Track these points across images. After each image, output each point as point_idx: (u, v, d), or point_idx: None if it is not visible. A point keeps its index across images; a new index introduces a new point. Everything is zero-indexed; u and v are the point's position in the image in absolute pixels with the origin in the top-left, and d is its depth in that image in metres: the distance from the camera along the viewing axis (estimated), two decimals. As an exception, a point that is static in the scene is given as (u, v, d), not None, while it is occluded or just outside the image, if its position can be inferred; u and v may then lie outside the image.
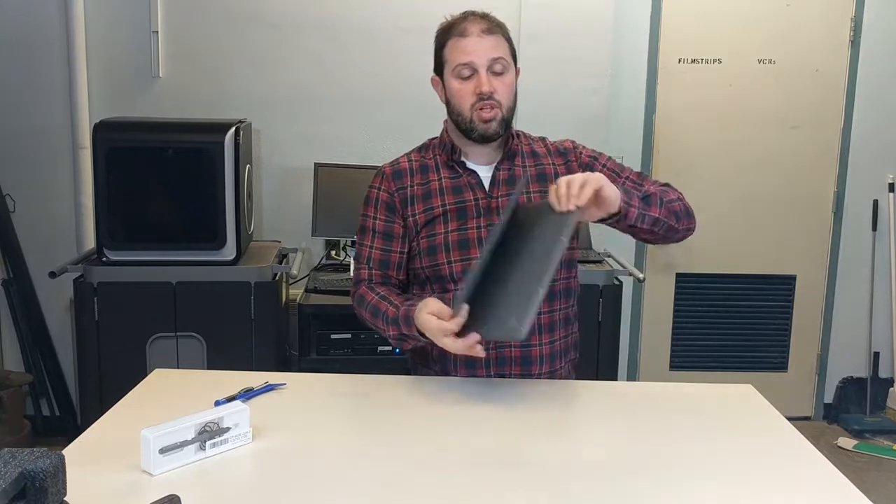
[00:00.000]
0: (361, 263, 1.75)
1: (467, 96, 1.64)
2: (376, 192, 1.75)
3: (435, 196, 1.71)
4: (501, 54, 1.64)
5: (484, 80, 1.62)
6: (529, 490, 1.19)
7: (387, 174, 1.76)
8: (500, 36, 1.66)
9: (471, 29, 1.63)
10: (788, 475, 1.27)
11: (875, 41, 3.56)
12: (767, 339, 3.77)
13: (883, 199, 3.71)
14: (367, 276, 1.73)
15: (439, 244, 1.68)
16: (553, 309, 1.71)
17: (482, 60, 1.62)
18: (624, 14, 3.44)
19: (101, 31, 3.25)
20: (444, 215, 1.69)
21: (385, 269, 1.73)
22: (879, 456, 3.45)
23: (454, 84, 1.66)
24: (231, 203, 2.73)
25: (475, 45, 1.62)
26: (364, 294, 1.70)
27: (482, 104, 1.63)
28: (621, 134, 3.55)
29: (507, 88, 1.65)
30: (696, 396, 1.62)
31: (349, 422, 1.44)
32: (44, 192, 3.32)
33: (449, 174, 1.72)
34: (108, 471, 1.21)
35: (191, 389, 1.57)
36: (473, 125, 1.65)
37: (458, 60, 1.63)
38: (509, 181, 1.71)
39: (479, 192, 1.70)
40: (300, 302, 2.87)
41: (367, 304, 1.68)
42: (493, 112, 1.64)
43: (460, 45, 1.63)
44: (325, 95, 3.35)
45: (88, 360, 2.73)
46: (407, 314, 1.56)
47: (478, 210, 1.69)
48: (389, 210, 1.73)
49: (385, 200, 1.74)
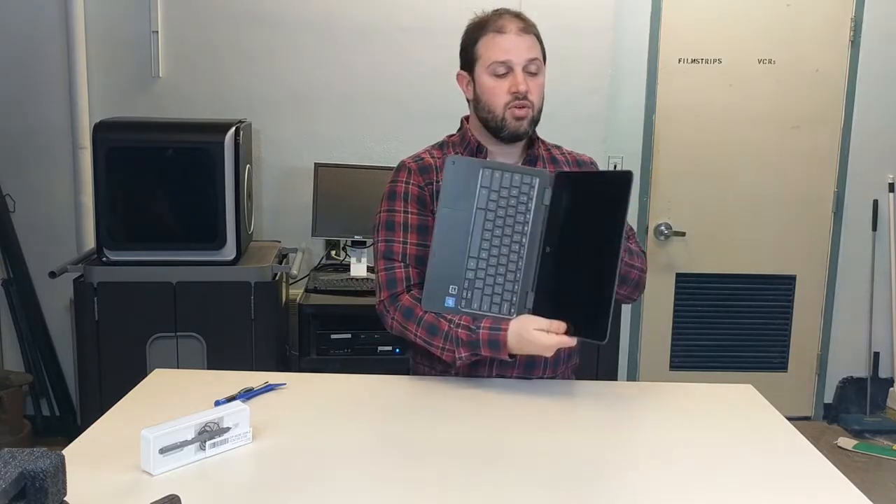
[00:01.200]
0: (395, 261, 1.64)
1: (501, 94, 1.62)
2: (404, 186, 1.67)
3: None
4: (536, 55, 1.64)
5: (520, 79, 1.61)
6: (529, 489, 1.19)
7: (413, 168, 1.69)
8: (534, 36, 1.65)
9: (509, 27, 1.62)
10: (788, 475, 1.27)
11: (875, 41, 3.56)
12: (767, 339, 3.77)
13: (883, 199, 3.71)
14: (403, 276, 1.63)
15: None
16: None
17: (519, 59, 1.61)
18: (624, 14, 3.44)
19: (101, 31, 3.25)
20: None
21: (421, 266, 1.62)
22: (879, 456, 3.45)
23: (488, 81, 1.64)
24: (231, 203, 2.73)
25: (513, 43, 1.61)
26: (412, 307, 1.60)
27: (517, 103, 1.62)
28: (621, 134, 3.55)
29: (539, 90, 1.65)
30: (696, 396, 1.62)
31: (349, 422, 1.44)
32: (44, 192, 3.32)
33: None
34: (108, 471, 1.21)
35: (191, 389, 1.57)
36: (505, 123, 1.63)
37: (495, 58, 1.62)
38: None
39: None
40: (300, 302, 2.87)
41: (418, 318, 1.59)
42: (525, 111, 1.63)
43: (497, 41, 1.62)
44: (325, 95, 3.35)
45: (88, 360, 2.73)
46: (494, 340, 1.53)
47: None
48: (421, 204, 1.67)
49: (416, 194, 1.67)
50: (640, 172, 3.60)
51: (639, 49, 3.52)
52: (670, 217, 3.67)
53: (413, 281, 1.63)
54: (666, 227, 3.66)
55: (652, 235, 3.67)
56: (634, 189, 3.58)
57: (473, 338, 1.54)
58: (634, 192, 3.59)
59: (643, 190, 3.62)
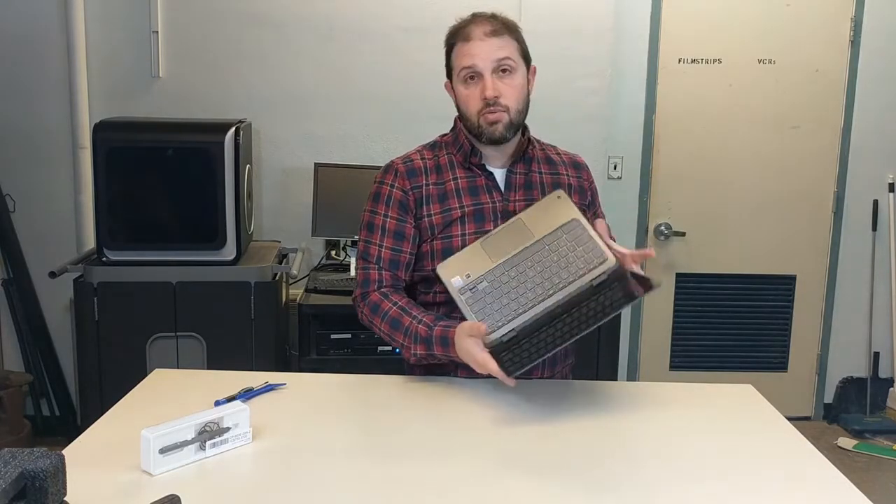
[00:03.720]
0: (370, 263, 1.68)
1: (474, 101, 1.62)
2: (388, 189, 1.69)
3: (452, 197, 1.67)
4: (507, 55, 1.61)
5: (488, 84, 1.59)
6: (529, 489, 1.19)
7: (400, 171, 1.69)
8: (508, 36, 1.62)
9: (475, 32, 1.60)
10: (788, 475, 1.27)
11: (875, 41, 3.56)
12: (767, 339, 3.78)
13: (883, 199, 3.71)
14: (377, 278, 1.67)
15: (456, 247, 1.64)
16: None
17: (486, 63, 1.59)
18: (624, 14, 3.44)
19: (101, 31, 3.25)
20: (462, 218, 1.66)
21: (395, 270, 1.67)
22: (879, 456, 3.45)
23: (461, 90, 1.64)
24: (231, 203, 2.73)
25: (478, 48, 1.59)
26: (379, 302, 1.64)
27: (488, 109, 1.60)
28: (621, 134, 3.55)
29: (513, 91, 1.62)
30: (696, 396, 1.62)
31: (349, 422, 1.44)
32: (44, 192, 3.32)
33: (465, 174, 1.69)
34: (108, 471, 1.21)
35: (191, 389, 1.57)
36: (481, 129, 1.63)
37: (463, 64, 1.61)
38: (526, 185, 1.70)
39: (495, 195, 1.68)
40: (300, 302, 2.87)
41: (383, 313, 1.63)
42: (497, 115, 1.61)
43: (464, 49, 1.61)
44: (325, 95, 3.35)
45: (88, 360, 2.73)
46: (444, 336, 1.54)
47: (494, 213, 1.67)
48: (402, 209, 1.68)
49: (399, 198, 1.68)
50: (640, 172, 3.61)
51: (639, 49, 3.52)
52: (670, 217, 3.67)
53: (385, 283, 1.68)
54: (666, 227, 3.66)
55: (652, 235, 3.67)
56: (634, 189, 3.62)
57: (429, 334, 1.57)
58: (634, 192, 3.62)
59: (643, 190, 3.62)
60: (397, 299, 1.64)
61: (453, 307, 1.66)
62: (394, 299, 1.64)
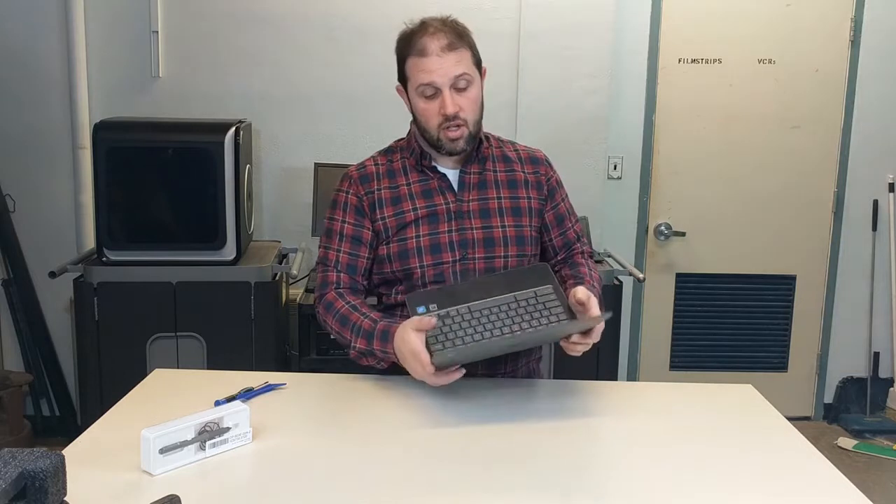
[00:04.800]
0: (329, 267, 1.70)
1: (433, 116, 1.62)
2: (345, 196, 1.72)
3: (405, 200, 1.69)
4: (464, 70, 1.60)
5: (448, 101, 1.59)
6: (528, 489, 1.19)
7: (354, 178, 1.73)
8: (462, 48, 1.61)
9: (430, 47, 1.59)
10: (788, 475, 1.27)
11: (875, 41, 3.56)
12: (767, 339, 3.78)
13: (883, 199, 3.71)
14: (334, 280, 1.69)
15: (411, 248, 1.67)
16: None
17: (444, 80, 1.59)
18: (624, 14, 3.44)
19: (101, 31, 3.25)
20: (415, 221, 1.68)
21: (353, 274, 1.69)
22: (879, 456, 3.45)
23: (419, 103, 1.64)
24: (231, 203, 2.73)
25: (436, 64, 1.58)
26: (333, 301, 1.66)
27: (448, 124, 1.61)
28: (621, 134, 3.55)
29: (472, 104, 1.63)
30: (696, 396, 1.62)
31: (349, 422, 1.44)
32: (44, 192, 3.32)
33: (418, 178, 1.71)
34: (108, 471, 1.21)
35: (191, 389, 1.57)
36: (441, 143, 1.64)
37: (421, 80, 1.61)
38: (480, 185, 1.71)
39: (449, 196, 1.70)
40: (300, 302, 2.87)
41: (335, 311, 1.64)
42: (459, 131, 1.62)
43: (421, 64, 1.60)
44: (325, 95, 3.35)
45: (88, 360, 2.73)
46: (385, 331, 1.54)
47: (448, 214, 1.68)
48: (359, 214, 1.70)
49: (354, 204, 1.70)
50: (640, 172, 3.61)
51: (639, 49, 3.52)
52: (670, 217, 3.67)
53: (342, 285, 1.69)
54: (666, 227, 3.66)
55: (652, 235, 3.67)
56: (634, 189, 3.62)
57: (372, 328, 1.57)
58: (634, 191, 3.62)
59: (643, 190, 3.62)
60: (351, 299, 1.66)
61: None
62: (348, 299, 1.65)
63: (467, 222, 1.68)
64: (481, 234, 1.68)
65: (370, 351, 1.57)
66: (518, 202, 1.73)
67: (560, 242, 1.79)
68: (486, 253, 1.68)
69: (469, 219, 1.68)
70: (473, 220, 1.69)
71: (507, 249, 1.69)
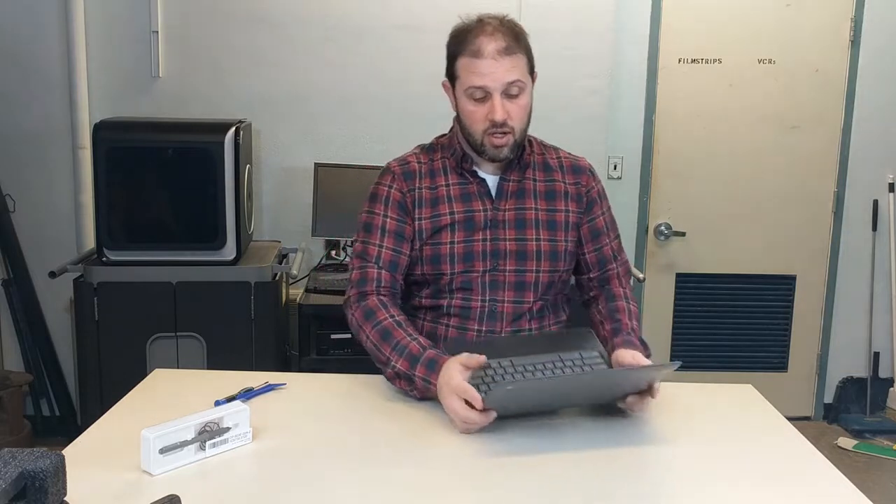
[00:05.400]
0: (368, 262, 1.63)
1: (480, 120, 1.57)
2: (387, 190, 1.67)
3: (443, 203, 1.65)
4: (518, 77, 1.55)
5: (498, 107, 1.54)
6: (528, 490, 1.19)
7: (397, 173, 1.68)
8: (518, 53, 1.55)
9: (486, 48, 1.52)
10: (788, 475, 1.27)
11: (875, 41, 3.56)
12: (767, 339, 3.77)
13: (883, 199, 3.71)
14: (375, 276, 1.62)
15: (444, 254, 1.63)
16: (539, 299, 1.68)
17: (497, 85, 1.53)
18: (624, 14, 3.44)
19: (101, 31, 3.25)
20: (451, 225, 1.64)
21: (394, 271, 1.63)
22: (879, 456, 3.45)
23: (467, 105, 1.58)
24: (231, 203, 2.73)
25: (490, 68, 1.52)
26: (375, 310, 1.58)
27: (494, 131, 1.56)
28: (621, 134, 3.55)
29: (521, 111, 1.58)
30: (696, 396, 1.62)
31: (349, 422, 1.44)
32: (44, 192, 3.32)
33: (457, 180, 1.67)
34: (108, 471, 1.21)
35: (191, 389, 1.57)
36: (485, 149, 1.60)
37: (471, 83, 1.55)
38: (518, 194, 1.67)
39: (486, 203, 1.66)
40: (300, 302, 2.87)
41: (376, 321, 1.56)
42: (504, 139, 1.57)
43: (474, 66, 1.54)
44: (325, 95, 3.35)
45: (88, 360, 2.73)
46: (433, 360, 1.46)
47: (485, 221, 1.65)
48: (402, 210, 1.65)
49: (397, 200, 1.66)
50: (640, 172, 3.61)
51: (639, 49, 3.52)
52: (670, 217, 3.67)
53: (384, 283, 1.62)
54: (666, 227, 3.66)
55: (652, 235, 3.67)
56: (634, 189, 3.62)
57: (420, 353, 1.49)
58: (634, 192, 3.62)
59: (643, 190, 3.62)
60: (395, 313, 1.59)
61: (439, 313, 1.67)
62: (391, 311, 1.58)
63: (501, 232, 1.64)
64: (514, 246, 1.64)
65: (409, 376, 1.49)
66: (554, 215, 1.68)
67: (594, 258, 1.74)
68: (518, 265, 1.64)
69: (504, 228, 1.65)
70: (508, 230, 1.65)
71: (539, 263, 1.65)
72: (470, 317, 1.65)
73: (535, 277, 1.65)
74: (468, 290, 1.64)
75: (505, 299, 1.65)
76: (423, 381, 1.47)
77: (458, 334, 1.65)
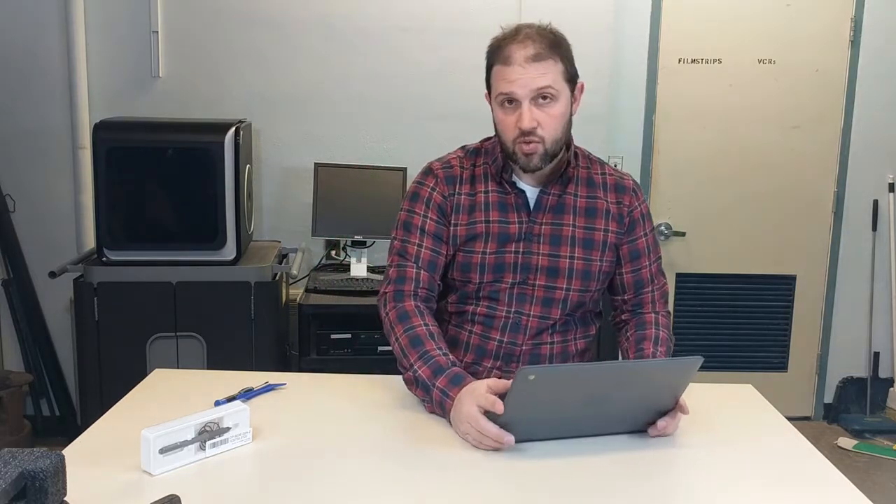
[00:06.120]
0: (408, 261, 1.61)
1: (510, 128, 1.55)
2: (429, 191, 1.65)
3: (479, 210, 1.63)
4: (548, 83, 1.52)
5: (525, 115, 1.51)
6: (528, 490, 1.19)
7: (440, 176, 1.65)
8: (552, 60, 1.53)
9: (516, 56, 1.51)
10: (788, 475, 1.27)
11: (875, 41, 3.56)
12: (767, 339, 3.77)
13: (883, 199, 3.71)
14: (414, 276, 1.60)
15: (475, 263, 1.62)
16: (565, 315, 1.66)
17: (524, 92, 1.51)
18: (624, 14, 3.44)
19: (101, 31, 3.25)
20: (485, 234, 1.62)
21: (432, 272, 1.62)
22: (879, 456, 3.45)
23: (499, 113, 1.57)
24: (231, 203, 2.73)
25: (518, 74, 1.50)
26: (411, 314, 1.56)
27: (523, 139, 1.53)
28: (621, 134, 3.55)
29: (552, 120, 1.54)
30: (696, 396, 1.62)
31: (349, 422, 1.44)
32: (44, 192, 3.32)
33: (496, 188, 1.64)
34: (108, 471, 1.21)
35: (191, 389, 1.57)
36: (516, 157, 1.57)
37: (501, 90, 1.53)
38: (557, 209, 1.64)
39: (523, 215, 1.63)
40: (300, 302, 2.87)
41: (410, 326, 1.54)
42: (532, 147, 1.54)
43: (503, 73, 1.52)
44: (325, 95, 3.35)
45: (88, 360, 2.73)
46: (459, 375, 1.45)
47: (519, 234, 1.62)
48: (441, 213, 1.64)
49: (438, 202, 1.64)
50: (640, 172, 3.60)
51: (639, 49, 3.52)
52: (670, 217, 3.66)
53: (422, 284, 1.61)
54: (666, 227, 3.66)
55: (652, 235, 3.67)
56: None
57: (447, 365, 1.47)
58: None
59: (643, 190, 3.62)
60: (430, 322, 1.56)
61: (463, 319, 1.67)
62: (427, 320, 1.56)
63: (535, 246, 1.62)
64: (546, 262, 1.62)
65: (428, 385, 1.46)
66: (592, 234, 1.64)
67: (630, 280, 1.70)
68: (548, 282, 1.62)
69: (538, 243, 1.62)
70: (542, 244, 1.62)
71: (570, 282, 1.63)
72: (493, 326, 1.64)
73: (565, 295, 1.63)
74: (494, 300, 1.63)
75: (531, 313, 1.63)
76: (441, 393, 1.44)
77: (481, 342, 1.65)
